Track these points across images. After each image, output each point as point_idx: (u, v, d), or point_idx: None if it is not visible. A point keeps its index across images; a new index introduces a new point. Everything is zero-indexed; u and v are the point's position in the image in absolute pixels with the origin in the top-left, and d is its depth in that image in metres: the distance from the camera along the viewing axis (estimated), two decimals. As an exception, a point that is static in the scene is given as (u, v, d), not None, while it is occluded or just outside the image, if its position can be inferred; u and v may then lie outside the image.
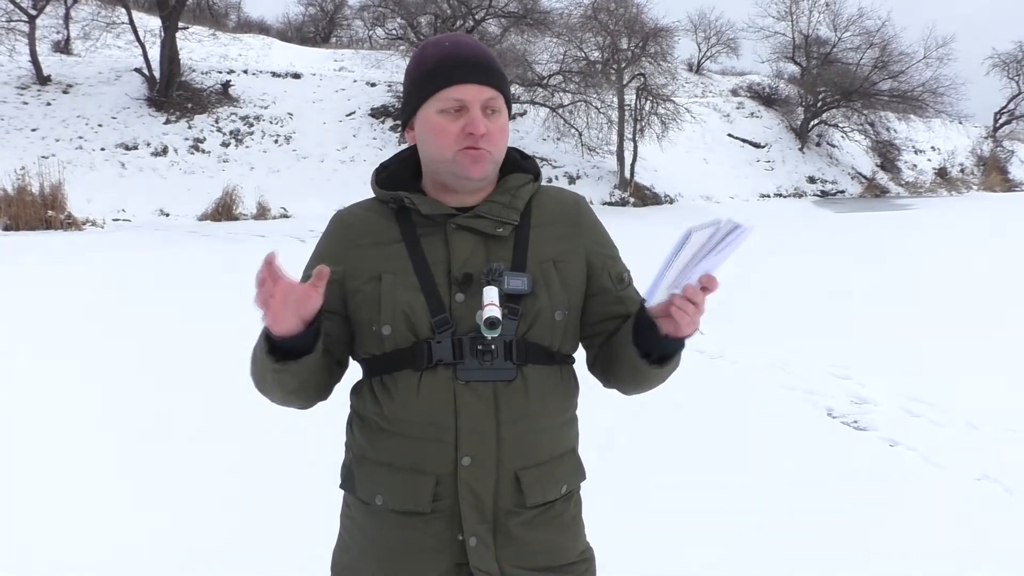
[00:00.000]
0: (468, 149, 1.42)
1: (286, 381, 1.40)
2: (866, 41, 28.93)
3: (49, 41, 20.33)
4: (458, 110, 1.43)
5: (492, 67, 1.46)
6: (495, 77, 1.45)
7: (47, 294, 7.83)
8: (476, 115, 1.42)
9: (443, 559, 1.43)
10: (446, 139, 1.43)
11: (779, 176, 25.42)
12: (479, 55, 1.45)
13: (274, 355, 1.36)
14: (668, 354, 1.43)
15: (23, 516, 3.41)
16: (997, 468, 4.03)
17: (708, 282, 1.31)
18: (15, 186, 13.08)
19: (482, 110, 1.43)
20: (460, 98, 1.42)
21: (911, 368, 5.87)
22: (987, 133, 35.03)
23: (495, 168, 1.48)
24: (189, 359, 5.72)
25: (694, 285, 1.31)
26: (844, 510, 3.59)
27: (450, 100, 1.42)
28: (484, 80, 1.43)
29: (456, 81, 1.42)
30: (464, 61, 1.43)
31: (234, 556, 3.09)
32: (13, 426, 4.43)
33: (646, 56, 21.22)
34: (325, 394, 1.53)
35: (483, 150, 1.43)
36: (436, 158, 1.46)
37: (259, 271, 1.26)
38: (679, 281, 1.31)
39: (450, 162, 1.44)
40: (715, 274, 1.31)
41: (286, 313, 1.29)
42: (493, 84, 1.44)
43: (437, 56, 1.45)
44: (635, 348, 1.42)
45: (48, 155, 15.62)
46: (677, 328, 1.34)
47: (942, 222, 17.72)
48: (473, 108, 1.42)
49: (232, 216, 15.35)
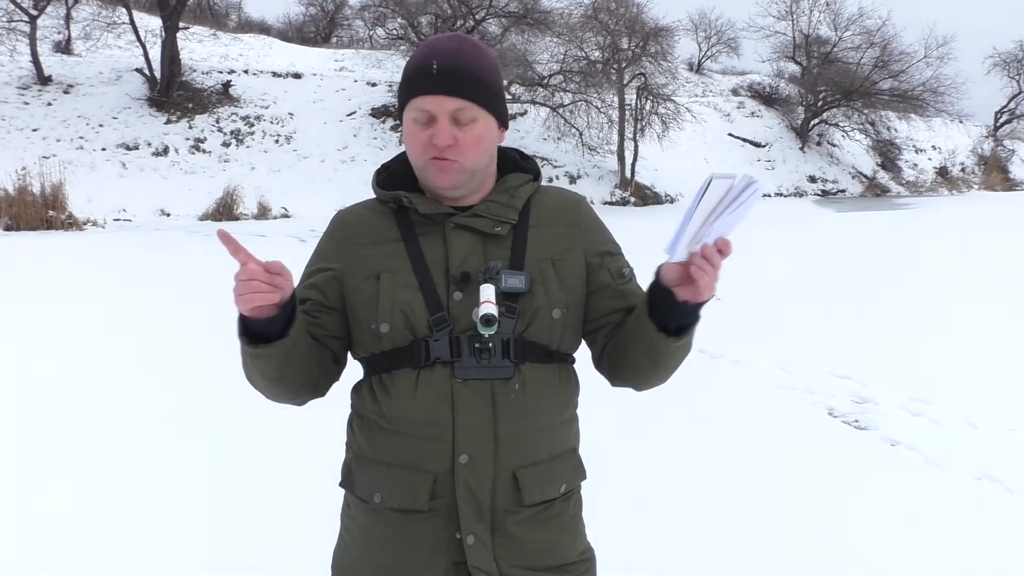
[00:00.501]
0: (435, 159, 1.43)
1: (263, 368, 1.41)
2: (866, 40, 28.97)
3: (50, 41, 20.35)
4: (427, 121, 1.43)
5: (464, 77, 1.42)
6: (465, 87, 1.41)
7: (48, 294, 7.84)
8: (442, 125, 1.41)
9: (441, 557, 1.43)
10: (416, 148, 1.45)
11: (780, 175, 25.43)
12: (452, 64, 1.41)
13: (247, 337, 1.37)
14: (686, 324, 1.42)
15: (23, 516, 3.41)
16: (998, 468, 4.03)
17: (723, 245, 1.31)
18: (16, 186, 13.10)
19: (452, 121, 1.42)
20: (426, 108, 1.42)
21: (912, 367, 5.87)
22: (988, 132, 35.02)
23: (471, 176, 1.47)
24: (190, 359, 5.72)
25: (711, 246, 1.31)
26: (845, 510, 3.59)
27: (418, 110, 1.43)
28: (451, 91, 1.41)
29: (421, 92, 1.42)
30: (436, 71, 1.41)
31: (235, 555, 3.09)
32: (14, 426, 4.43)
33: (646, 56, 21.24)
34: (318, 390, 1.53)
35: (449, 160, 1.43)
36: (413, 164, 1.49)
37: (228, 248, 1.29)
38: (699, 236, 1.30)
39: (421, 169, 1.47)
40: (729, 238, 1.31)
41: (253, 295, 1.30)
42: (462, 94, 1.42)
43: (414, 63, 1.45)
44: (651, 322, 1.41)
45: (49, 155, 15.63)
46: (696, 291, 1.34)
47: (943, 221, 17.70)
48: (441, 119, 1.42)
49: (233, 216, 15.36)
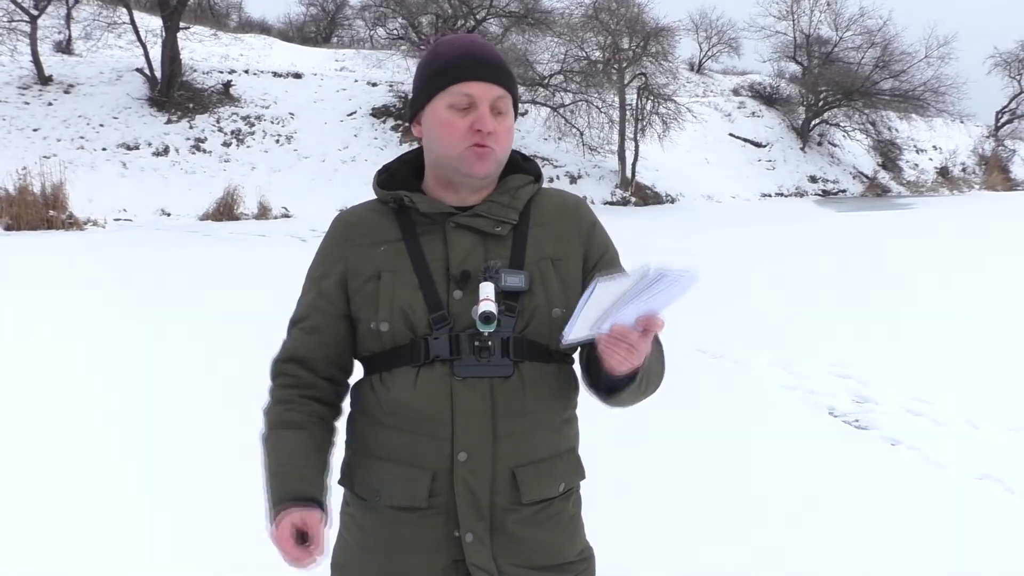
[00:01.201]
0: (475, 147, 1.44)
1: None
2: (867, 40, 28.96)
3: (51, 41, 20.35)
4: (467, 107, 1.44)
5: (503, 68, 1.49)
6: (505, 77, 1.48)
7: (49, 294, 7.84)
8: (484, 112, 1.44)
9: (440, 555, 1.44)
10: (454, 134, 1.45)
11: (780, 175, 25.41)
12: (492, 55, 1.48)
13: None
14: (615, 386, 1.41)
15: (23, 517, 3.42)
16: (998, 467, 4.03)
17: (648, 323, 1.28)
18: (17, 186, 13.11)
19: (490, 109, 1.45)
20: (470, 94, 1.44)
21: (912, 367, 5.87)
22: (989, 132, 34.99)
23: (498, 167, 1.49)
24: (190, 358, 5.72)
25: (629, 324, 1.28)
26: (845, 509, 3.59)
27: (461, 95, 1.44)
28: (495, 79, 1.46)
29: (468, 77, 1.44)
30: (477, 59, 1.46)
31: (236, 554, 3.09)
32: (15, 428, 4.43)
33: (647, 56, 21.23)
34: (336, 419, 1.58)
35: (489, 148, 1.45)
36: (443, 153, 1.47)
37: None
38: (604, 319, 1.27)
39: (456, 159, 1.46)
40: (661, 315, 1.27)
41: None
42: (503, 84, 1.47)
43: (451, 52, 1.47)
44: (587, 376, 1.45)
45: (50, 155, 15.63)
46: (609, 366, 1.33)
47: (944, 221, 17.70)
48: (482, 105, 1.44)
49: (233, 216, 15.36)
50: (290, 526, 1.37)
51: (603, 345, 1.30)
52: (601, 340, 1.30)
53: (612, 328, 1.28)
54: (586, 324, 1.27)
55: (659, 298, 1.25)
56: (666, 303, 1.26)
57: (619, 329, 1.28)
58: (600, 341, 1.31)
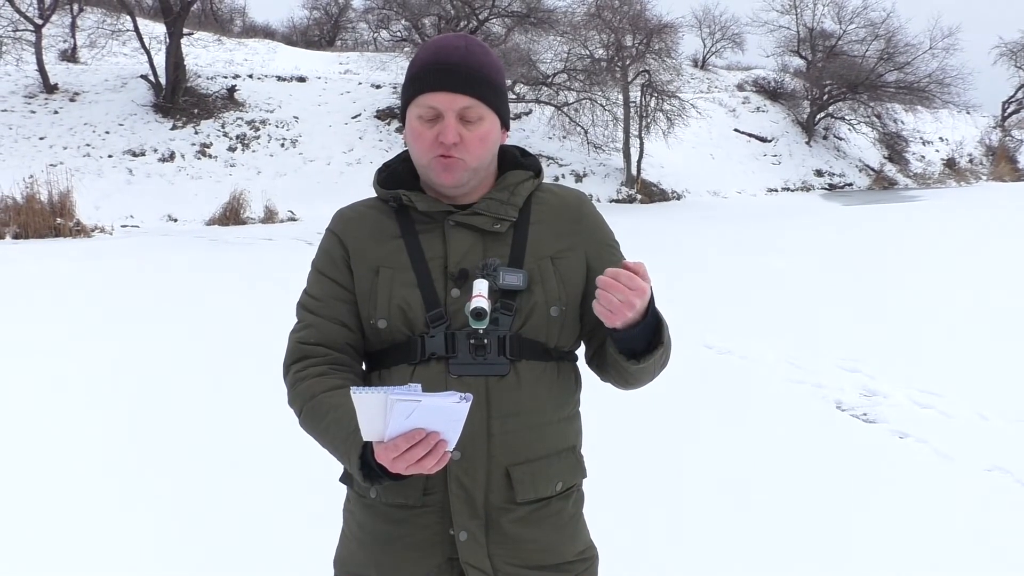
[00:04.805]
0: (440, 157, 1.43)
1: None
2: (871, 33, 28.85)
3: (56, 50, 20.49)
4: (433, 118, 1.43)
5: (472, 75, 1.42)
6: (473, 85, 1.42)
7: (57, 301, 7.88)
8: (449, 123, 1.42)
9: (435, 553, 1.44)
10: (421, 145, 1.45)
11: (786, 170, 25.37)
12: (460, 62, 1.42)
13: (365, 471, 1.34)
14: (642, 349, 1.42)
15: (24, 517, 3.43)
16: (1008, 459, 4.01)
17: (634, 267, 1.32)
18: (24, 194, 13.20)
19: (458, 118, 1.43)
20: (433, 105, 1.42)
21: (920, 360, 5.84)
22: (995, 123, 34.85)
23: (473, 175, 1.47)
24: (195, 361, 5.74)
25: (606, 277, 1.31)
26: (854, 503, 3.58)
27: (425, 107, 1.43)
28: (461, 88, 1.42)
29: (429, 88, 1.42)
30: (442, 68, 1.42)
31: (237, 554, 3.10)
32: (22, 432, 4.45)
33: (651, 53, 21.23)
34: None
35: (455, 158, 1.43)
36: (416, 161, 1.49)
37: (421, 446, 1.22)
38: (399, 422, 1.20)
39: (425, 167, 1.47)
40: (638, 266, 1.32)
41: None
42: (470, 92, 1.42)
43: (420, 61, 1.46)
44: (614, 348, 1.44)
45: (56, 163, 15.73)
46: (609, 317, 1.34)
47: (951, 213, 17.63)
48: (448, 116, 1.42)
49: (240, 220, 15.42)
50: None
51: (598, 307, 1.33)
52: (595, 304, 1.33)
53: (599, 280, 1.32)
54: (372, 432, 1.22)
55: (422, 414, 1.20)
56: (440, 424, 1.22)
57: (602, 280, 1.31)
58: (594, 306, 1.33)
